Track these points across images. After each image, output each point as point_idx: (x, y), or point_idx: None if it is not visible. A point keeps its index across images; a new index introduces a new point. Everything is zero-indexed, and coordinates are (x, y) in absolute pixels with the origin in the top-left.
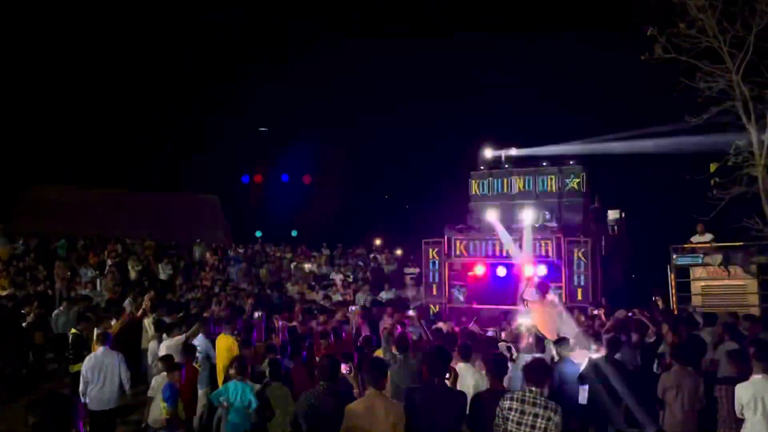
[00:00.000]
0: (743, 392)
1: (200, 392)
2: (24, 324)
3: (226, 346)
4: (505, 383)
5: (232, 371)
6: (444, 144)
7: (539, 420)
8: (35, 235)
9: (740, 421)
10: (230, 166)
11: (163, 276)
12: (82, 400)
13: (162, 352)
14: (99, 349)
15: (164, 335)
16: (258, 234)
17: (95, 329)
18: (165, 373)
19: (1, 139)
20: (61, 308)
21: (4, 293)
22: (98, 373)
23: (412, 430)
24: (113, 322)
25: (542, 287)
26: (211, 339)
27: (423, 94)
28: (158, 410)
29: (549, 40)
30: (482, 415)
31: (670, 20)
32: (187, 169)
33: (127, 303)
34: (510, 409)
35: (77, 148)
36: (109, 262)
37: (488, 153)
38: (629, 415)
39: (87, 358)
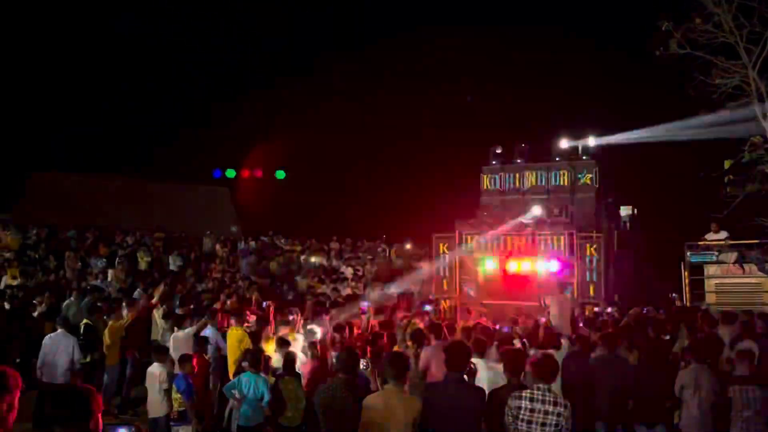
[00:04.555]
0: None
1: (210, 384)
2: (35, 314)
3: (237, 338)
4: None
5: (245, 363)
6: (456, 138)
7: (549, 416)
8: (44, 225)
9: (750, 419)
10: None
11: (173, 267)
12: (38, 373)
13: (172, 343)
14: (59, 330)
15: (175, 327)
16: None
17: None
18: (156, 363)
19: (9, 125)
20: (71, 298)
21: (15, 283)
22: (56, 350)
23: (430, 425)
24: (125, 312)
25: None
26: (222, 331)
27: (434, 88)
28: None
29: (562, 34)
30: (501, 411)
31: (686, 15)
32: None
33: (137, 294)
34: (519, 407)
35: (86, 136)
36: (119, 252)
37: (499, 148)
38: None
39: (47, 337)
